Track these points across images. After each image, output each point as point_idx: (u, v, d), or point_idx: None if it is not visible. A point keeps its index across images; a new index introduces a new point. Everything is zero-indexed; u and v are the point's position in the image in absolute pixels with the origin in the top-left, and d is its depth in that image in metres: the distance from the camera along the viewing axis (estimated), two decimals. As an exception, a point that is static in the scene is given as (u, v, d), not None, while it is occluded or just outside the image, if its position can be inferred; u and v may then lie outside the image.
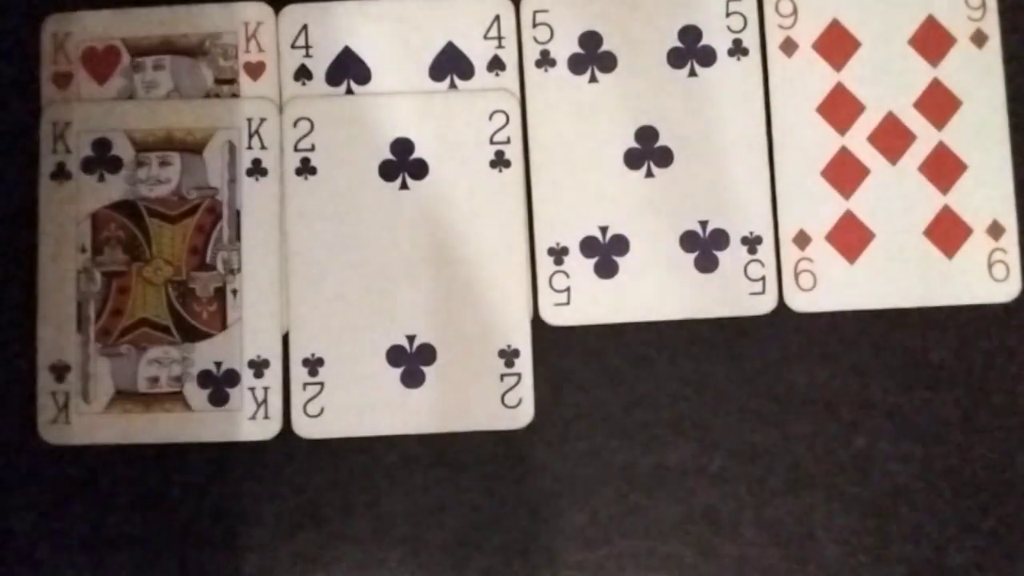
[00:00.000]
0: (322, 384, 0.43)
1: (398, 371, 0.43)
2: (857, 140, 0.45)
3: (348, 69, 0.45)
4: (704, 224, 0.44)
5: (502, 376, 0.43)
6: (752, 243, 0.44)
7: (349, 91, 0.45)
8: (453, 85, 0.45)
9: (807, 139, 0.44)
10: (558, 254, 0.44)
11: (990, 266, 0.44)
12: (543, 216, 0.44)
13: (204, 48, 0.45)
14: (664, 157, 0.44)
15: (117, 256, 0.44)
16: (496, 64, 0.45)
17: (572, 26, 0.45)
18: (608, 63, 0.45)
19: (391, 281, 0.43)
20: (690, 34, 0.45)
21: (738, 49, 0.45)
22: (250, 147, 0.44)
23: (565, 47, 0.45)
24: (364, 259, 0.43)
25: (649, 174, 0.44)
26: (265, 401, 0.43)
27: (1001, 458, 0.43)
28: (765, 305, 0.44)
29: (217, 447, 0.43)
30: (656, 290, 0.44)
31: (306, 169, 0.44)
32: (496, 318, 0.43)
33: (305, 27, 0.45)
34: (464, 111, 0.44)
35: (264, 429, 0.43)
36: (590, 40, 0.45)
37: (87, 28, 0.45)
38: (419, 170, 0.44)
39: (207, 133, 0.44)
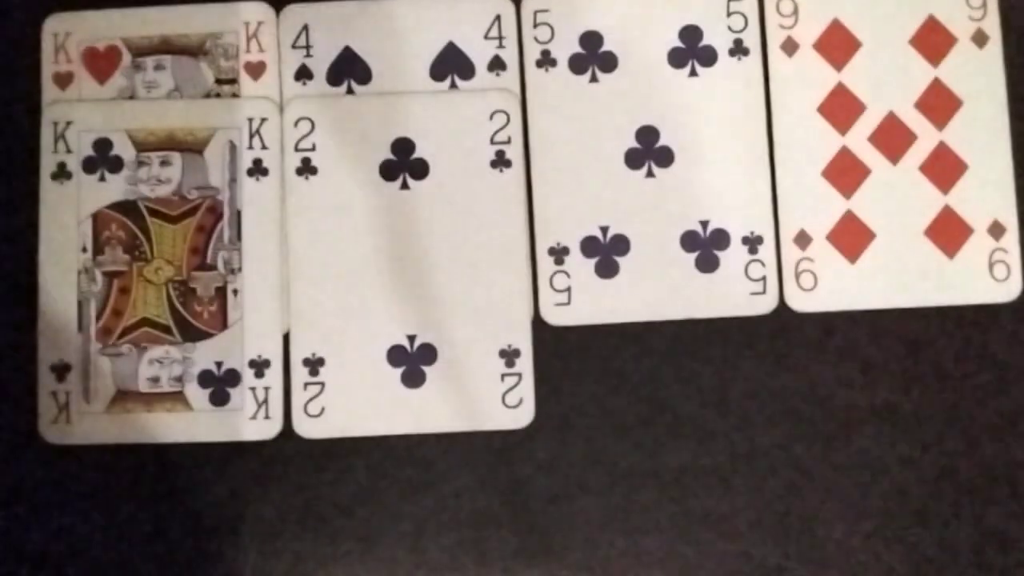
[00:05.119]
0: (323, 384, 0.43)
1: (399, 371, 0.43)
2: (858, 140, 0.44)
3: (349, 69, 0.45)
4: (705, 224, 0.44)
5: (502, 376, 0.43)
6: (753, 243, 0.44)
7: (350, 91, 0.45)
8: (454, 85, 0.45)
9: (808, 139, 0.44)
10: (558, 254, 0.44)
11: (991, 266, 0.44)
12: (543, 216, 0.44)
13: (205, 48, 0.45)
14: (665, 157, 0.44)
15: (118, 256, 0.44)
16: (497, 64, 0.45)
17: (573, 26, 0.45)
18: (609, 63, 0.45)
19: (391, 281, 0.43)
20: (691, 34, 0.45)
21: (739, 49, 0.45)
22: (251, 147, 0.44)
23: (566, 47, 0.45)
24: (364, 259, 0.43)
25: (650, 174, 0.44)
26: (266, 401, 0.43)
27: (1001, 458, 0.43)
28: (765, 305, 0.44)
29: (218, 447, 0.43)
30: (656, 290, 0.44)
31: (307, 169, 0.44)
32: (496, 318, 0.43)
33: (306, 27, 0.45)
34: (464, 111, 0.44)
35: (265, 429, 0.43)
36: (591, 40, 0.45)
37: (88, 28, 0.45)
38: (419, 170, 0.44)
39: (208, 133, 0.44)
